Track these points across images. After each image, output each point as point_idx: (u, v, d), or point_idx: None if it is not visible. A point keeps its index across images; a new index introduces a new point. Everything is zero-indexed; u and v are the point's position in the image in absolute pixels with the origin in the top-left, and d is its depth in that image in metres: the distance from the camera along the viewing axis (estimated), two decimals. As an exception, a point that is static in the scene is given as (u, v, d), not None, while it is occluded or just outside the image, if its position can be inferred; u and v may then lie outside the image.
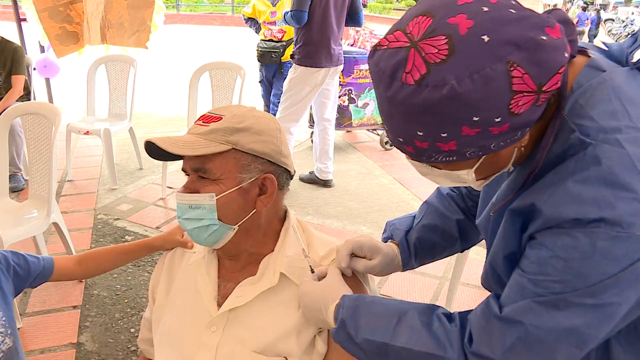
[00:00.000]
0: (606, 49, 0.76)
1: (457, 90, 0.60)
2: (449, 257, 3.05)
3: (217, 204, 0.94)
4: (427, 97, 0.62)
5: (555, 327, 0.68)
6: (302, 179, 4.23)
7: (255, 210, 0.99)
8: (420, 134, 0.66)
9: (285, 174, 1.03)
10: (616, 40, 0.87)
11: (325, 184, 4.14)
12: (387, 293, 2.69)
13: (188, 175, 0.99)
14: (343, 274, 1.00)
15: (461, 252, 1.16)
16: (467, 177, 0.75)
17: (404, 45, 0.64)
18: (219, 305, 1.01)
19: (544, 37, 0.61)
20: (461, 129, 0.63)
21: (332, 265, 1.02)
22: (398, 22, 0.68)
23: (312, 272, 0.98)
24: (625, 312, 0.67)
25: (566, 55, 0.63)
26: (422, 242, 1.10)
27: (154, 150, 0.98)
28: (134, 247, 1.22)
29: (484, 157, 0.71)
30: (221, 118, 0.96)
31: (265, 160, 0.98)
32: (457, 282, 2.48)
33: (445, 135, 0.65)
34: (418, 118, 0.64)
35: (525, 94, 0.61)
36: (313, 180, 4.18)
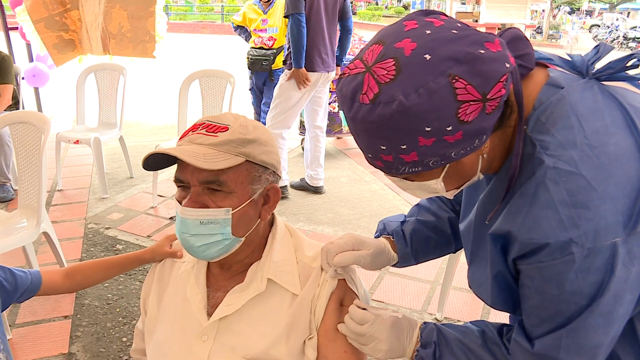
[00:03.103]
0: (569, 59, 0.83)
1: (405, 104, 0.67)
2: (440, 262, 3.07)
3: (232, 218, 0.94)
4: (381, 113, 0.69)
5: (589, 346, 0.75)
6: (293, 186, 4.23)
7: (260, 220, 1.01)
8: (384, 147, 0.73)
9: (278, 182, 1.04)
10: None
11: (316, 190, 4.15)
12: (379, 298, 2.69)
13: (184, 187, 0.95)
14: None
15: (454, 252, 1.20)
16: (437, 187, 0.81)
17: (361, 71, 0.72)
18: (209, 315, 1.01)
19: (482, 51, 0.68)
20: (417, 139, 0.70)
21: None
22: (359, 52, 0.77)
23: None
24: (627, 310, 0.73)
25: (507, 65, 0.70)
26: (417, 234, 1.14)
27: (151, 162, 0.95)
28: (123, 260, 1.20)
29: (447, 166, 0.77)
30: (227, 128, 0.94)
31: (271, 171, 1.00)
32: (448, 286, 2.53)
33: (405, 147, 0.71)
34: (378, 133, 0.71)
35: (471, 102, 0.68)
36: (304, 187, 4.19)
